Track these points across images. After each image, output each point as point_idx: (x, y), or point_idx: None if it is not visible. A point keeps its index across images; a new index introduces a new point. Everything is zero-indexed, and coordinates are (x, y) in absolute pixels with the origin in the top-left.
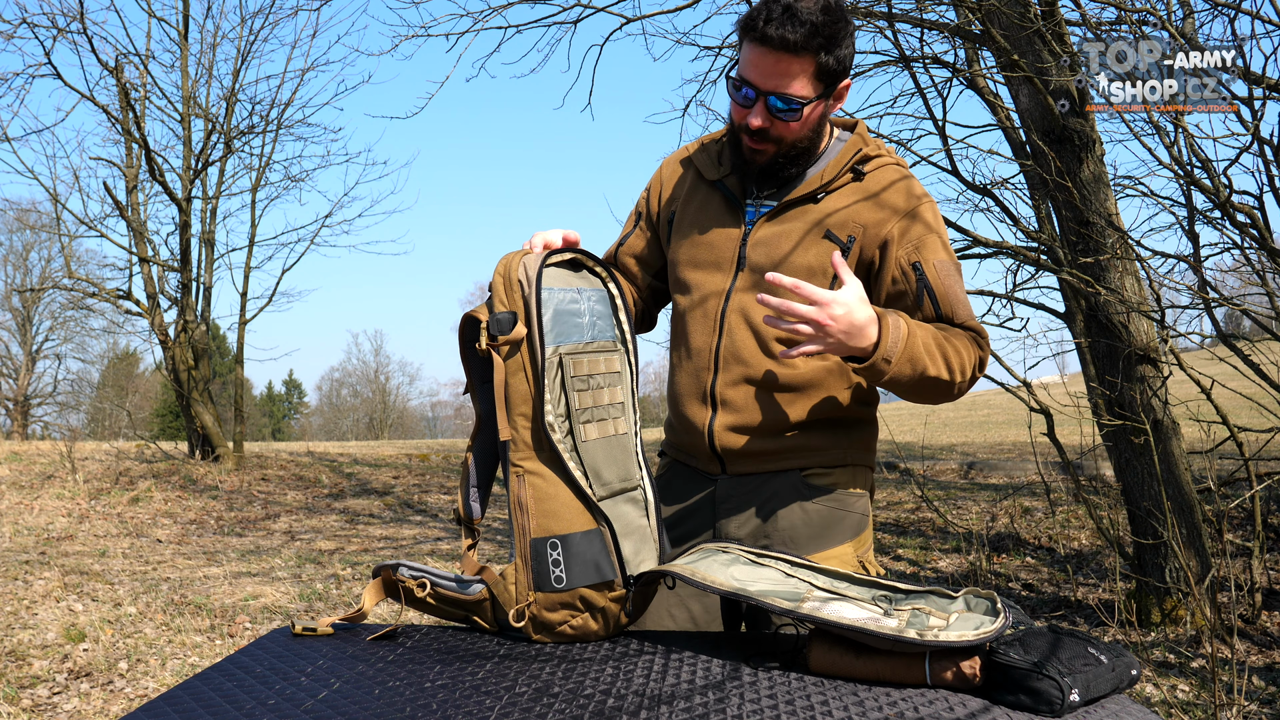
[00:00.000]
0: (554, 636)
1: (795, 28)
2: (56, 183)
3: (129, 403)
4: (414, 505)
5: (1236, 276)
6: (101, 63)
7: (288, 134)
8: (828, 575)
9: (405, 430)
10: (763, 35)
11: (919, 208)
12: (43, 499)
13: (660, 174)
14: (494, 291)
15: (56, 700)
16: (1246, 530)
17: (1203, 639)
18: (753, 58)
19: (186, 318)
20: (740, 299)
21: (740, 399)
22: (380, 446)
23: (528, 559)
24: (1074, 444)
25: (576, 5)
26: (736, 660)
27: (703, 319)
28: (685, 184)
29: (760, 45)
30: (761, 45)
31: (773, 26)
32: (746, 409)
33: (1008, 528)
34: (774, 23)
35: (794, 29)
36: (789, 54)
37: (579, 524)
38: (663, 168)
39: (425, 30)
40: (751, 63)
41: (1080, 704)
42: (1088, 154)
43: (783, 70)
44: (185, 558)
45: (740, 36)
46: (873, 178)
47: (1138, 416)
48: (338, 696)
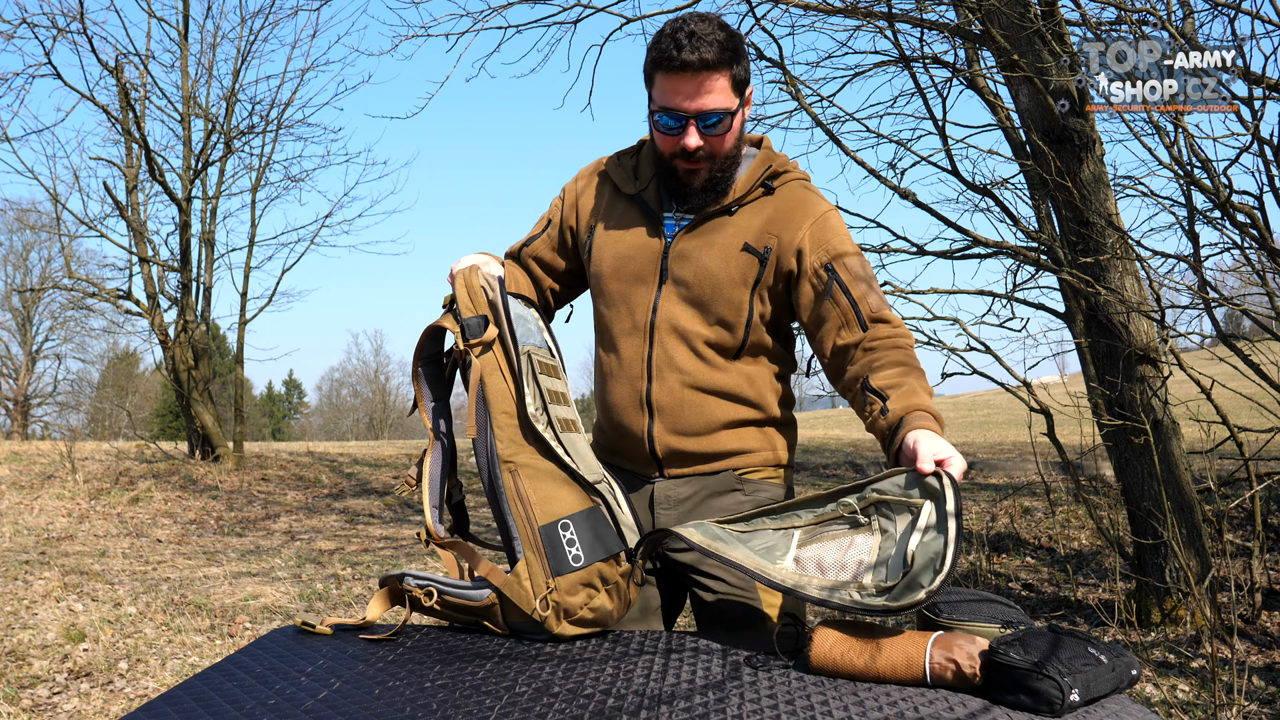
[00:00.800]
0: (574, 624)
1: (708, 48)
2: (56, 183)
3: (129, 403)
4: (414, 505)
5: (1236, 276)
6: (101, 63)
7: (288, 134)
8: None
9: (405, 430)
10: (682, 62)
11: (825, 215)
12: (43, 499)
13: (575, 186)
14: (459, 301)
15: (56, 700)
16: (1246, 530)
17: (1203, 639)
18: (674, 85)
19: (186, 318)
20: (667, 309)
21: (675, 404)
22: (380, 446)
23: (539, 548)
24: (1074, 444)
25: (576, 5)
26: (736, 660)
27: (633, 330)
28: (604, 198)
29: (681, 72)
30: (682, 72)
31: (688, 52)
32: (683, 414)
33: (1008, 528)
34: (687, 48)
35: (708, 49)
36: (708, 72)
37: (579, 503)
38: (577, 179)
39: (425, 30)
40: (674, 90)
41: (1080, 704)
42: (1088, 154)
43: (706, 89)
44: (185, 558)
45: (652, 72)
46: (782, 193)
47: (1138, 416)
48: (338, 696)
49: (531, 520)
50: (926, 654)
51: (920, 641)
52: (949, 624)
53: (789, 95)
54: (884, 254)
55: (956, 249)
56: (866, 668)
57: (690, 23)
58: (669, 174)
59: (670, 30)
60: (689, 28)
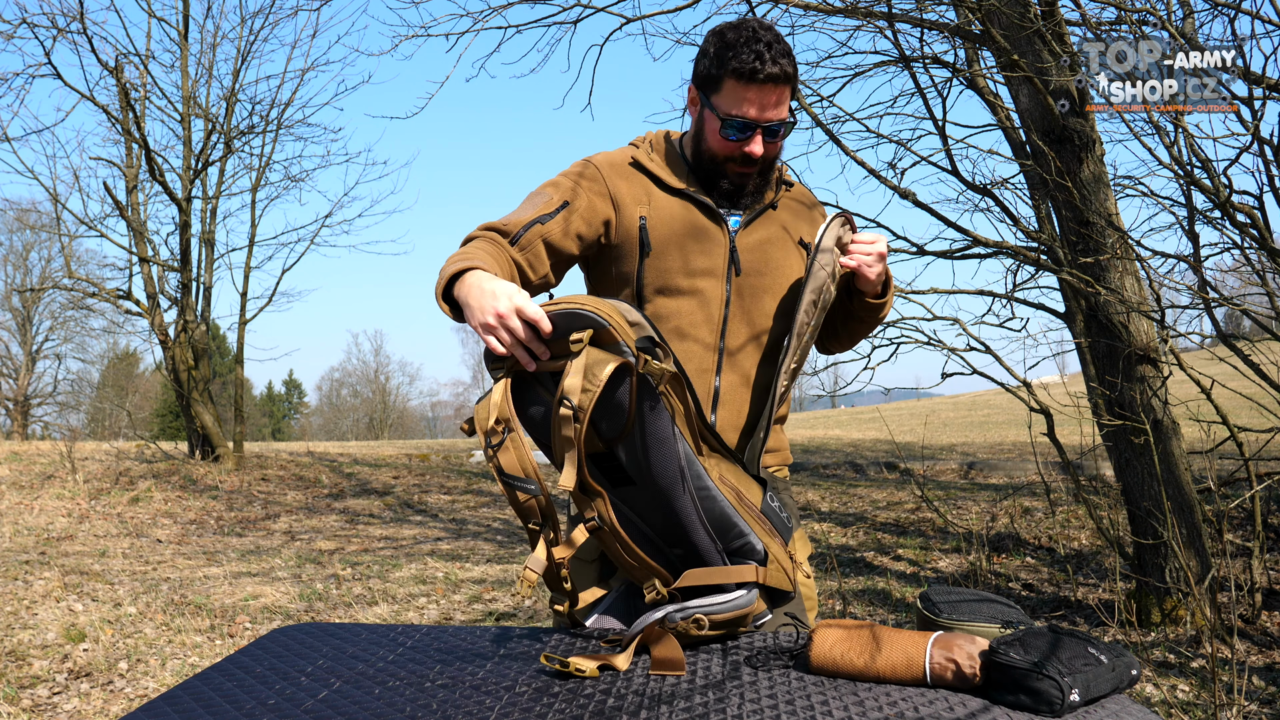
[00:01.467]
0: (807, 577)
1: (787, 62)
2: (56, 183)
3: (129, 403)
4: (414, 505)
5: (1236, 276)
6: (101, 63)
7: (288, 134)
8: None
9: (405, 430)
10: (767, 75)
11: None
12: (43, 499)
13: (601, 174)
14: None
15: (56, 700)
16: (1246, 530)
17: (1203, 639)
18: (750, 95)
19: (186, 318)
20: (738, 303)
21: (739, 399)
22: (380, 446)
23: (771, 528)
24: (1074, 444)
25: (576, 5)
26: (736, 660)
27: (705, 322)
28: (648, 192)
29: (762, 84)
30: (763, 84)
31: (770, 65)
32: (744, 409)
33: (1008, 528)
34: (769, 61)
35: (787, 63)
36: (784, 85)
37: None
38: (601, 169)
39: (425, 30)
40: (747, 100)
41: (1080, 704)
42: (1088, 154)
43: (777, 100)
44: (185, 558)
45: (720, 77)
46: (795, 192)
47: (1138, 416)
48: (338, 696)
49: (752, 507)
50: (926, 654)
51: (920, 641)
52: (949, 624)
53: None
54: None
55: (956, 249)
56: (866, 668)
57: (761, 32)
58: (718, 174)
59: (744, 39)
60: (764, 37)
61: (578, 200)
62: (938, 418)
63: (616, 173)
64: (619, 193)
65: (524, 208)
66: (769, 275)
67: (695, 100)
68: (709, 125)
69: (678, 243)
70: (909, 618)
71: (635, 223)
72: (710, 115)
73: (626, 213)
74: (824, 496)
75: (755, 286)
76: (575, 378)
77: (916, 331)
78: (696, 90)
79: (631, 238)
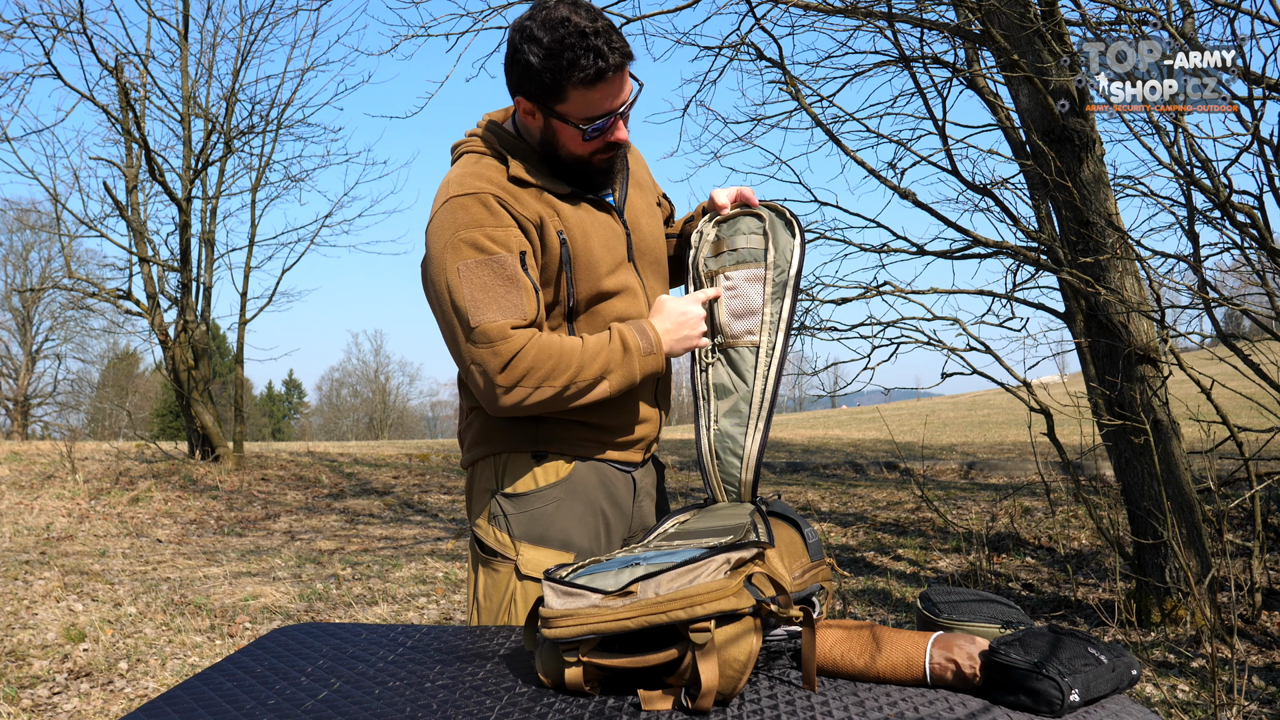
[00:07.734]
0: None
1: (618, 39)
2: (56, 183)
3: (129, 403)
4: (414, 505)
5: (1236, 276)
6: (101, 63)
7: (288, 134)
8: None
9: (405, 430)
10: (614, 67)
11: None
12: (43, 499)
13: (503, 206)
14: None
15: (56, 700)
16: (1246, 530)
17: (1203, 639)
18: (599, 94)
19: (186, 318)
20: (649, 284)
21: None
22: (380, 446)
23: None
24: (1074, 444)
25: None
26: None
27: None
28: (546, 204)
29: (605, 80)
30: (609, 80)
31: (610, 57)
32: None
33: (1008, 528)
34: (608, 54)
35: (619, 39)
36: (625, 67)
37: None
38: (504, 200)
39: (425, 30)
40: (601, 99)
41: (1080, 704)
42: (1088, 154)
43: (623, 82)
44: (185, 558)
45: (563, 85)
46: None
47: (1138, 416)
48: (338, 696)
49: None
50: (926, 654)
51: (920, 641)
52: (949, 624)
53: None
54: (884, 254)
55: (956, 249)
56: (866, 668)
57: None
58: (587, 169)
59: (571, 41)
60: (589, 28)
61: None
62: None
63: (511, 196)
64: (529, 216)
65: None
66: (655, 248)
67: (532, 111)
68: (564, 134)
69: (600, 245)
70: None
71: (555, 240)
72: (562, 125)
73: (546, 233)
74: (824, 496)
75: (649, 262)
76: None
77: (916, 331)
78: (530, 102)
79: (554, 257)
